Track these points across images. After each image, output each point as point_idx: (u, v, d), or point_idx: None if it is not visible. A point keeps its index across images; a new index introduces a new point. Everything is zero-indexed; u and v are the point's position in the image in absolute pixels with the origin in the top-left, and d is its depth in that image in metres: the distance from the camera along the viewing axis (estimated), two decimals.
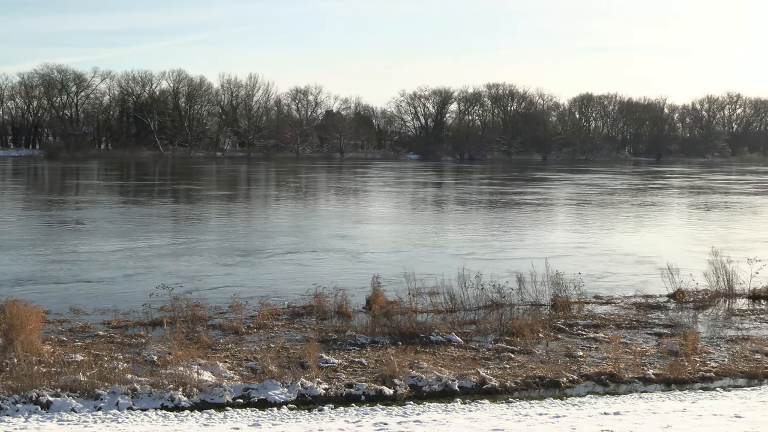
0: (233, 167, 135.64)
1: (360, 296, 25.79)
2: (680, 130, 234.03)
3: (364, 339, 21.08)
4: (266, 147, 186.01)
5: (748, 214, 61.72)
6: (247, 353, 19.51)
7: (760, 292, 27.74)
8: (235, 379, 17.32)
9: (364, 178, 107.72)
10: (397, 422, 14.40)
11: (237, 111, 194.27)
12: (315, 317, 23.59)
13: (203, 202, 66.04)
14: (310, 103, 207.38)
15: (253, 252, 36.51)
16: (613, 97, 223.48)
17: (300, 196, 74.71)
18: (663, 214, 60.34)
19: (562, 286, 25.94)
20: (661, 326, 23.29)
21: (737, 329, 23.24)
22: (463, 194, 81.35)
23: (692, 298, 27.15)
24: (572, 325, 23.01)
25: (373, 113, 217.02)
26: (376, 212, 58.27)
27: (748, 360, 19.97)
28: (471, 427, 13.97)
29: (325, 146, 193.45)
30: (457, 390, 17.23)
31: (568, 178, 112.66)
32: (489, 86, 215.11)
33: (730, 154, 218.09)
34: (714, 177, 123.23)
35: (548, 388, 17.74)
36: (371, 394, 16.80)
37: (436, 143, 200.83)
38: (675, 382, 18.31)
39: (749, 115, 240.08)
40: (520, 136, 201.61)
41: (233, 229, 46.96)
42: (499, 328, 22.39)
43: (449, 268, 29.09)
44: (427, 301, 24.94)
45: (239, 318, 22.50)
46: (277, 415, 15.29)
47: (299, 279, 29.39)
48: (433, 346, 20.60)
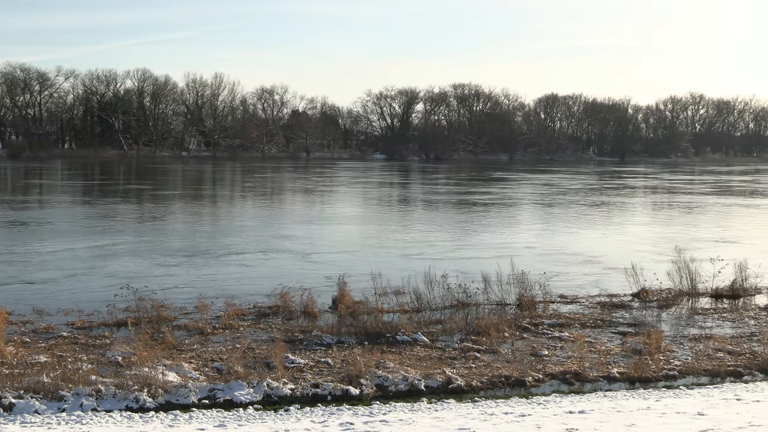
0: (197, 167, 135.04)
1: (326, 296, 25.76)
2: (644, 130, 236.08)
3: (331, 339, 21.06)
4: (232, 147, 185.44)
5: (696, 213, 62.33)
6: (213, 354, 19.42)
7: (723, 291, 28.04)
8: (201, 379, 17.23)
9: (322, 177, 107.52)
10: (364, 422, 14.40)
11: (202, 110, 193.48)
12: (281, 317, 23.52)
13: (165, 202, 65.65)
14: (276, 103, 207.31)
15: (218, 252, 36.32)
16: (577, 98, 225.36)
17: (261, 197, 74.50)
18: (611, 214, 60.47)
19: (528, 286, 26.06)
20: (626, 325, 23.46)
21: (700, 328, 23.45)
22: (418, 194, 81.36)
23: (656, 297, 27.37)
24: (537, 324, 23.12)
25: (340, 113, 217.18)
26: (330, 213, 57.96)
27: (711, 358, 20.16)
28: (437, 426, 13.99)
29: (291, 146, 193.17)
30: (423, 389, 17.26)
31: (526, 178, 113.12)
32: (455, 86, 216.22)
33: (693, 155, 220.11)
34: (671, 177, 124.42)
35: (514, 387, 17.81)
36: (337, 394, 16.78)
37: (403, 143, 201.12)
38: (639, 380, 18.44)
39: (712, 115, 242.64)
40: (485, 136, 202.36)
41: (196, 229, 46.67)
42: (465, 327, 22.45)
43: (396, 267, 29.19)
44: (393, 300, 24.95)
45: (205, 318, 22.40)
46: (242, 416, 15.24)
47: (264, 279, 29.26)
48: (399, 346, 20.62)
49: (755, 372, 19.30)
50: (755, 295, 28.10)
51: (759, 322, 24.09)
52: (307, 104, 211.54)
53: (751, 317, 24.88)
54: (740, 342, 21.64)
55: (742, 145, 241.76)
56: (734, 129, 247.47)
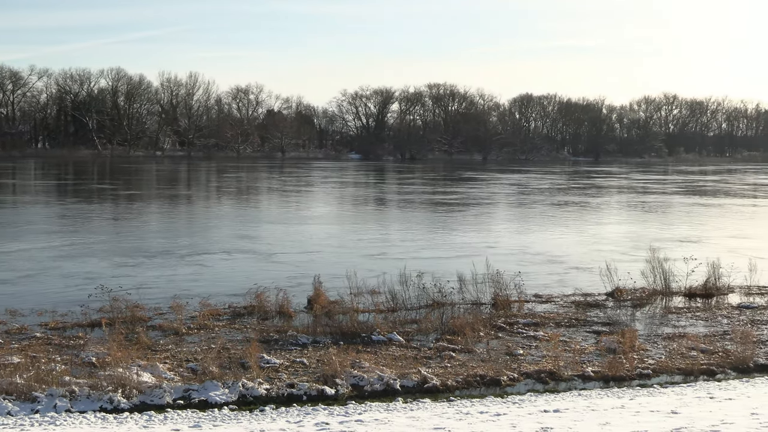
0: (170, 167, 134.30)
1: (301, 296, 25.72)
2: (618, 130, 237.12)
3: (306, 339, 21.03)
4: (207, 146, 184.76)
5: (659, 213, 62.71)
6: (188, 354, 19.34)
7: (696, 290, 28.23)
8: (176, 380, 17.16)
9: (293, 177, 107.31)
10: (339, 422, 14.39)
11: (177, 110, 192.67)
12: (256, 317, 23.46)
13: (136, 202, 65.35)
14: (251, 103, 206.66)
15: (193, 252, 36.19)
16: (552, 98, 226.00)
17: (231, 197, 74.14)
18: (575, 214, 60.56)
19: (503, 285, 26.12)
20: (600, 324, 23.56)
21: (674, 327, 23.59)
22: (385, 194, 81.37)
23: (630, 296, 27.52)
24: (512, 323, 23.17)
25: (315, 113, 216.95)
26: (300, 213, 57.74)
27: (685, 357, 20.29)
28: (412, 425, 14.00)
29: (266, 146, 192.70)
30: (399, 389, 17.27)
31: (495, 177, 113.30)
32: (430, 86, 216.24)
33: (667, 154, 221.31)
34: (640, 177, 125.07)
35: (489, 387, 17.86)
36: (313, 394, 16.76)
37: (378, 143, 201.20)
38: (613, 379, 18.53)
39: (685, 115, 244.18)
40: (460, 136, 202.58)
41: (168, 229, 46.47)
42: (440, 327, 22.46)
43: (361, 267, 29.19)
44: (369, 300, 24.95)
45: (179, 319, 22.31)
46: (218, 416, 15.19)
47: (238, 279, 29.19)
48: (374, 346, 20.62)
49: (728, 370, 19.44)
50: (728, 294, 28.31)
51: (732, 321, 24.27)
52: (282, 104, 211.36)
53: (724, 316, 25.06)
54: (713, 341, 21.80)
55: (715, 145, 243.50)
56: (707, 129, 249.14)
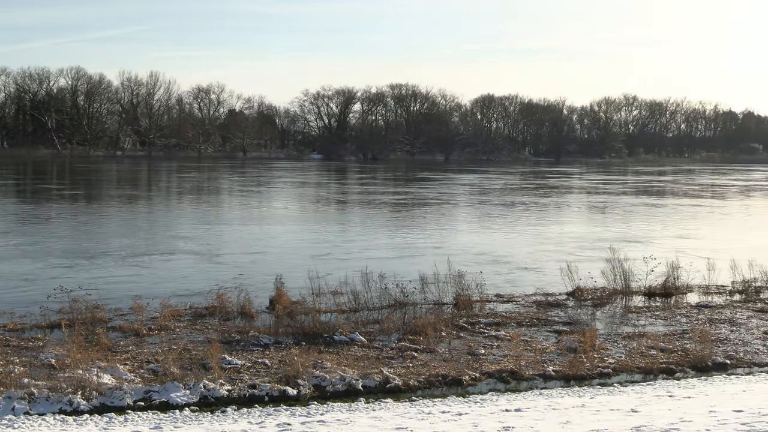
0: (129, 167, 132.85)
1: (263, 296, 25.65)
2: (579, 131, 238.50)
3: (268, 339, 20.97)
4: (168, 146, 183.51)
5: (604, 213, 63.56)
6: (149, 355, 19.21)
7: (656, 290, 28.51)
8: (136, 381, 17.05)
9: (247, 177, 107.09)
10: (301, 422, 14.36)
11: (138, 110, 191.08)
12: (218, 318, 23.36)
13: (101, 203, 64.84)
14: (213, 102, 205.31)
15: (152, 252, 35.98)
16: (514, 98, 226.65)
17: (187, 197, 73.76)
18: (520, 214, 60.81)
19: (464, 285, 26.19)
20: (561, 324, 23.71)
21: (634, 326, 23.80)
22: (334, 195, 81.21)
23: (590, 296, 27.72)
24: (474, 323, 23.26)
25: (277, 113, 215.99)
26: (246, 214, 57.82)
27: (644, 356, 20.48)
28: (374, 426, 14.00)
29: (227, 146, 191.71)
30: (361, 389, 17.27)
31: (450, 178, 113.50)
32: (392, 86, 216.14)
33: (627, 155, 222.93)
34: (593, 177, 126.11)
35: (451, 386, 17.91)
36: (275, 395, 16.72)
37: (340, 143, 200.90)
38: (574, 378, 18.67)
39: (645, 116, 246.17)
40: (423, 136, 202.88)
41: (129, 229, 46.14)
42: (402, 327, 22.49)
43: (302, 268, 29.26)
44: (331, 300, 24.93)
45: (140, 319, 22.14)
46: (179, 418, 15.11)
47: (200, 280, 29.09)
48: (336, 346, 20.61)
49: (687, 369, 19.66)
50: (687, 293, 28.62)
51: (690, 320, 24.53)
52: (243, 104, 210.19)
53: (682, 315, 25.31)
54: (672, 339, 22.02)
55: (674, 146, 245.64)
56: (666, 130, 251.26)
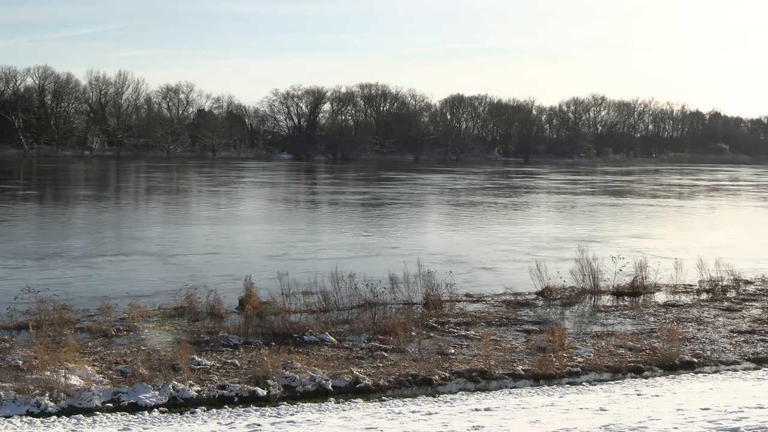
0: (95, 166, 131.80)
1: (232, 297, 25.55)
2: (548, 131, 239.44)
3: (237, 340, 20.90)
4: (136, 146, 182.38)
5: (562, 213, 64.05)
6: (117, 356, 19.10)
7: (624, 289, 28.71)
8: (105, 382, 16.94)
9: (208, 178, 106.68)
10: (271, 423, 14.33)
11: (106, 109, 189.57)
12: (187, 318, 23.26)
13: (65, 203, 64.36)
14: (182, 102, 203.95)
15: (120, 253, 35.78)
16: (483, 98, 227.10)
17: (151, 198, 73.34)
18: (478, 214, 60.93)
19: (434, 285, 26.24)
20: (530, 323, 23.82)
21: (602, 325, 23.95)
22: (294, 194, 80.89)
23: (560, 295, 27.86)
24: (444, 323, 23.31)
25: (246, 112, 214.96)
26: (207, 214, 57.66)
27: (613, 355, 20.62)
28: (344, 426, 14.00)
29: (197, 145, 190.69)
30: (331, 389, 17.26)
31: (414, 178, 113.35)
32: (362, 86, 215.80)
33: (596, 155, 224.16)
34: (558, 177, 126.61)
35: (421, 386, 17.94)
36: (244, 396, 16.68)
37: (310, 143, 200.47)
38: (543, 377, 18.75)
39: (613, 117, 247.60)
40: (392, 136, 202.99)
41: (94, 230, 45.83)
42: (372, 327, 22.52)
43: (258, 268, 29.27)
44: (301, 301, 24.91)
45: (108, 320, 21.97)
46: (147, 419, 15.03)
47: (169, 280, 28.98)
48: (306, 346, 20.58)
49: (655, 367, 19.81)
50: (654, 292, 28.85)
51: (658, 319, 24.72)
52: (213, 103, 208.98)
53: (650, 314, 25.50)
54: (640, 338, 22.17)
55: (642, 146, 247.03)
56: (634, 130, 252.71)
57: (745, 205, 79.94)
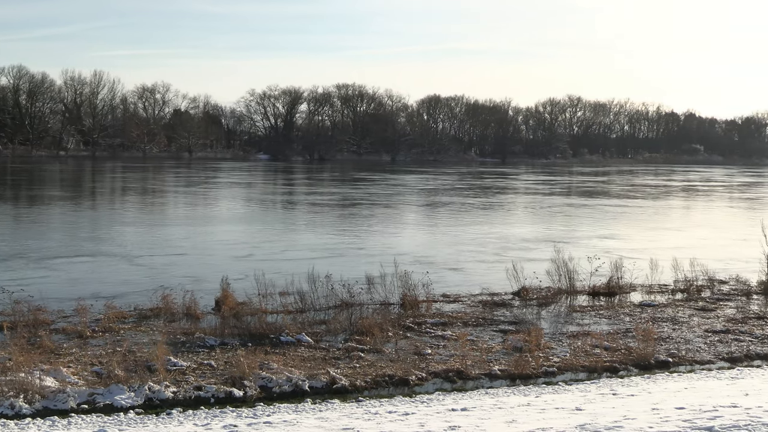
0: (70, 167, 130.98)
1: (209, 298, 25.47)
2: (524, 132, 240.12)
3: (214, 341, 20.85)
4: (112, 146, 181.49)
5: (527, 213, 64.31)
6: (93, 357, 19.00)
7: (600, 289, 28.84)
8: (80, 384, 16.84)
9: (178, 178, 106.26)
10: (247, 424, 14.31)
11: (81, 109, 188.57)
12: (163, 319, 23.17)
13: (38, 204, 63.97)
14: (158, 102, 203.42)
15: (96, 254, 35.59)
16: (460, 99, 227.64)
17: (129, 199, 72.99)
18: (444, 214, 61.04)
19: (411, 285, 26.25)
20: (507, 323, 23.88)
21: (578, 325, 24.05)
22: (262, 195, 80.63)
23: (536, 295, 27.95)
24: (421, 323, 23.32)
25: (223, 112, 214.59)
26: (177, 214, 57.66)
27: (588, 354, 20.70)
28: (321, 426, 14.00)
29: (173, 146, 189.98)
30: (308, 390, 17.24)
31: (385, 178, 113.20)
32: (339, 87, 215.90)
33: (572, 156, 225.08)
34: (531, 178, 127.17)
35: (398, 386, 17.94)
36: (221, 396, 16.63)
37: (286, 143, 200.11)
38: (520, 377, 18.80)
39: (589, 117, 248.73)
40: (369, 137, 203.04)
41: (69, 231, 45.57)
42: (348, 327, 22.51)
43: (225, 269, 29.24)
44: (277, 301, 24.85)
45: (84, 321, 21.85)
46: (123, 420, 14.96)
47: (143, 281, 28.87)
48: (283, 347, 20.55)
49: (630, 367, 19.90)
50: (630, 292, 29.00)
51: (633, 319, 24.85)
52: (189, 103, 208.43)
53: (626, 314, 25.63)
54: (616, 338, 22.27)
55: (618, 147, 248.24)
56: (610, 131, 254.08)
57: (715, 205, 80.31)
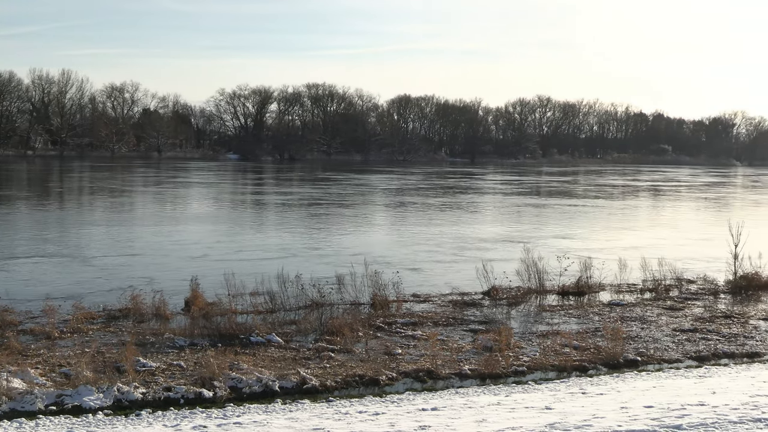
0: (36, 166, 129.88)
1: (178, 298, 25.36)
2: (494, 132, 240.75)
3: (183, 341, 20.76)
4: (80, 146, 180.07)
5: (483, 213, 64.38)
6: (61, 358, 18.86)
7: (569, 288, 28.99)
8: (48, 385, 16.72)
9: (140, 177, 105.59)
10: (217, 425, 14.26)
11: (49, 108, 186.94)
12: (132, 320, 23.04)
13: (1, 204, 63.43)
14: (127, 101, 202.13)
15: (65, 254, 35.33)
16: (430, 99, 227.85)
17: (95, 199, 72.35)
18: (401, 215, 61.13)
19: (381, 285, 26.26)
20: (477, 323, 23.95)
21: (548, 324, 24.16)
22: (220, 194, 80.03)
23: (506, 295, 28.04)
24: (391, 323, 23.35)
25: (192, 112, 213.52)
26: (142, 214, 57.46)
27: (558, 354, 20.81)
28: (291, 427, 13.97)
29: (142, 145, 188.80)
30: (278, 390, 17.21)
31: (349, 178, 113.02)
32: (309, 86, 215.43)
33: (541, 156, 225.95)
34: (496, 178, 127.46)
35: (368, 386, 17.95)
36: (190, 397, 16.56)
37: (256, 143, 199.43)
38: (490, 376, 18.86)
39: (558, 118, 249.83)
40: (340, 137, 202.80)
41: (35, 231, 45.17)
42: (319, 327, 22.50)
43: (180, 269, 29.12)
44: (248, 301, 24.79)
45: (52, 322, 21.69)
46: (92, 422, 14.86)
47: (113, 282, 28.69)
48: (253, 347, 20.50)
49: (599, 366, 20.02)
50: (599, 291, 29.17)
51: (602, 318, 25.00)
52: (158, 103, 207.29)
53: (595, 313, 25.78)
54: (585, 337, 22.40)
55: (587, 147, 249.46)
56: (579, 131, 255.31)
57: (673, 205, 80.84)
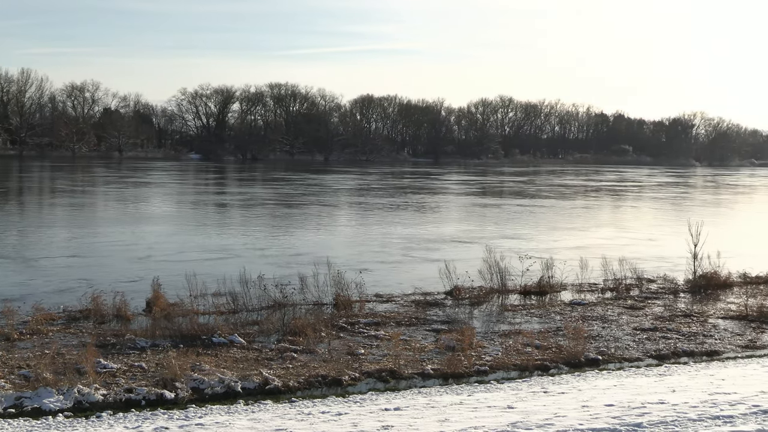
0: None
1: (140, 299, 25.19)
2: (457, 132, 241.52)
3: (145, 342, 20.62)
4: (40, 145, 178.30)
5: (434, 213, 64.53)
6: (20, 360, 18.67)
7: (531, 288, 29.15)
8: (7, 387, 16.54)
9: (95, 177, 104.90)
10: (179, 426, 14.19)
11: (8, 107, 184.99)
12: (92, 321, 22.86)
13: None
14: (87, 101, 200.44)
15: (23, 254, 34.99)
16: (392, 99, 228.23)
17: (47, 199, 71.76)
18: (352, 215, 61.44)
19: (344, 285, 26.27)
20: (439, 323, 24.01)
21: (510, 324, 24.27)
22: (170, 195, 79.34)
23: (468, 294, 28.14)
24: (354, 323, 23.35)
25: (154, 112, 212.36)
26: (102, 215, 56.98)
27: (520, 353, 20.91)
28: (254, 428, 13.94)
29: (103, 145, 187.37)
30: (240, 391, 17.15)
31: (304, 178, 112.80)
32: (271, 86, 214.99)
33: (503, 156, 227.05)
34: (453, 178, 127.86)
35: (331, 387, 17.93)
36: (152, 399, 16.45)
37: (219, 143, 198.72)
38: (452, 376, 18.92)
39: (520, 118, 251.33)
40: (302, 137, 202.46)
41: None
42: (281, 328, 22.45)
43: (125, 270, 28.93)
44: (210, 302, 24.70)
45: (10, 323, 21.43)
46: (52, 424, 14.72)
47: (73, 282, 28.46)
48: (215, 348, 20.41)
49: (561, 365, 20.14)
50: (560, 291, 29.36)
51: (564, 317, 25.16)
52: (119, 102, 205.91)
53: (556, 312, 25.94)
54: (547, 336, 22.53)
55: (549, 147, 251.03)
56: (541, 132, 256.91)
57: (621, 204, 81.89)
